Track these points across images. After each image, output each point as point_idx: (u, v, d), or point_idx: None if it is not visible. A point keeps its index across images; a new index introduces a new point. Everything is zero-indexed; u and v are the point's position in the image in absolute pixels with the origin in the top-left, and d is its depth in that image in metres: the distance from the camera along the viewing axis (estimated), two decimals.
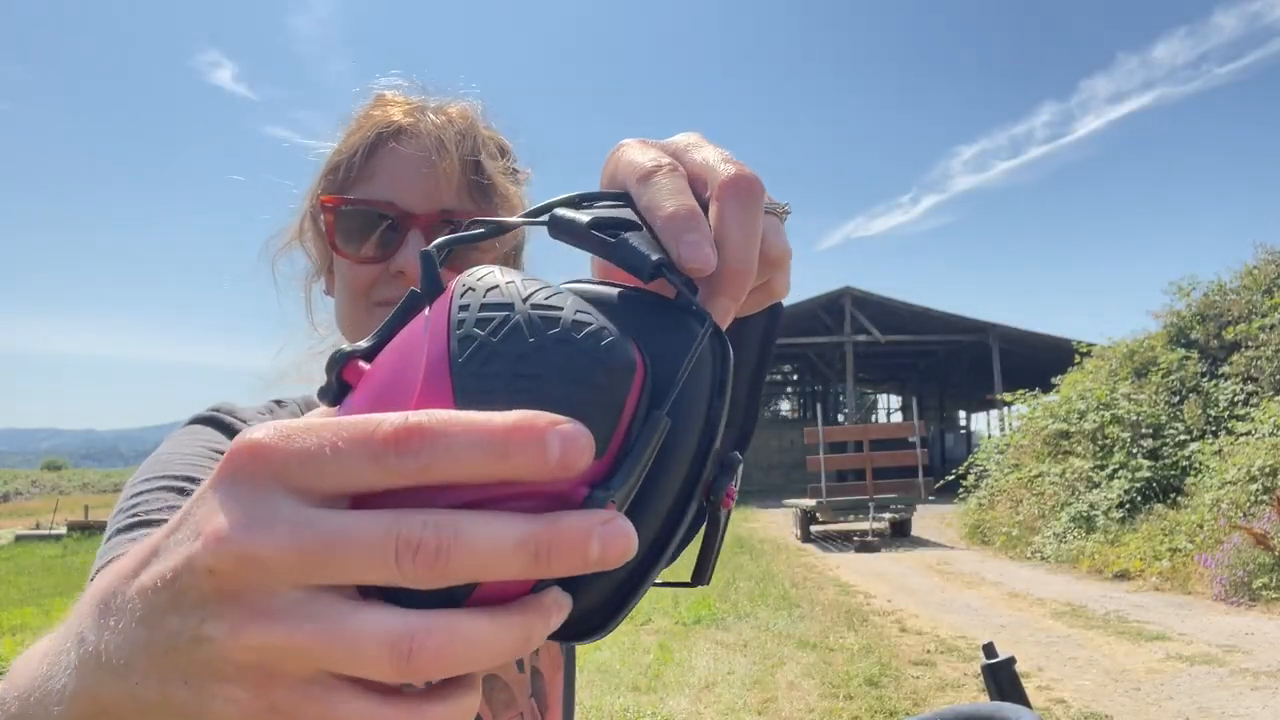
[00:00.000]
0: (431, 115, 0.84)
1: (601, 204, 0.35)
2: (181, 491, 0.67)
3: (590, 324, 0.26)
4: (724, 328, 0.32)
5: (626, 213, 0.34)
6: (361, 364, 0.29)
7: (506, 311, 0.26)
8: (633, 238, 0.32)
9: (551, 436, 0.24)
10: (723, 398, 0.30)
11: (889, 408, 47.40)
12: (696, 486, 0.30)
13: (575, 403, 0.26)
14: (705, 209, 0.34)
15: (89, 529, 19.81)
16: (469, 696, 0.28)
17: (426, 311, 0.28)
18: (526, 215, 0.34)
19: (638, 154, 0.37)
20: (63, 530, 20.27)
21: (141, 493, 0.67)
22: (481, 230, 0.31)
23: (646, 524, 0.29)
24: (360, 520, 0.25)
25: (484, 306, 0.27)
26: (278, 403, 0.89)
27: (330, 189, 0.83)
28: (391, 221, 0.81)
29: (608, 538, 0.25)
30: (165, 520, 0.62)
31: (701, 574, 0.34)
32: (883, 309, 26.80)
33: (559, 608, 0.28)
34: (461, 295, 0.27)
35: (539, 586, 0.27)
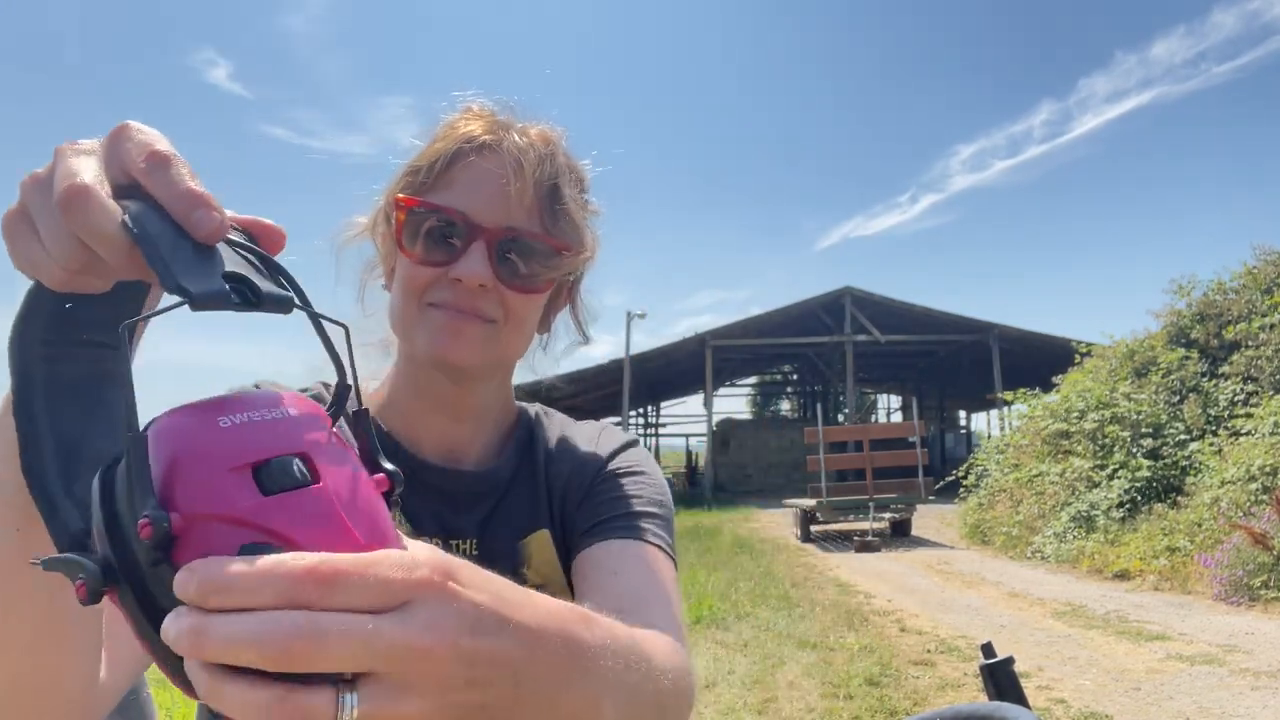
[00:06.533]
0: (515, 135, 0.86)
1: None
2: None
3: None
4: None
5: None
6: None
7: None
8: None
9: None
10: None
11: (889, 408, 47.41)
12: None
13: None
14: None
15: None
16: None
17: None
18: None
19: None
20: None
21: None
22: (169, 307, 0.38)
23: None
24: None
25: None
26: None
27: (407, 189, 0.87)
28: (459, 230, 0.83)
29: None
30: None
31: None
32: (883, 309, 26.79)
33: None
34: None
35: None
